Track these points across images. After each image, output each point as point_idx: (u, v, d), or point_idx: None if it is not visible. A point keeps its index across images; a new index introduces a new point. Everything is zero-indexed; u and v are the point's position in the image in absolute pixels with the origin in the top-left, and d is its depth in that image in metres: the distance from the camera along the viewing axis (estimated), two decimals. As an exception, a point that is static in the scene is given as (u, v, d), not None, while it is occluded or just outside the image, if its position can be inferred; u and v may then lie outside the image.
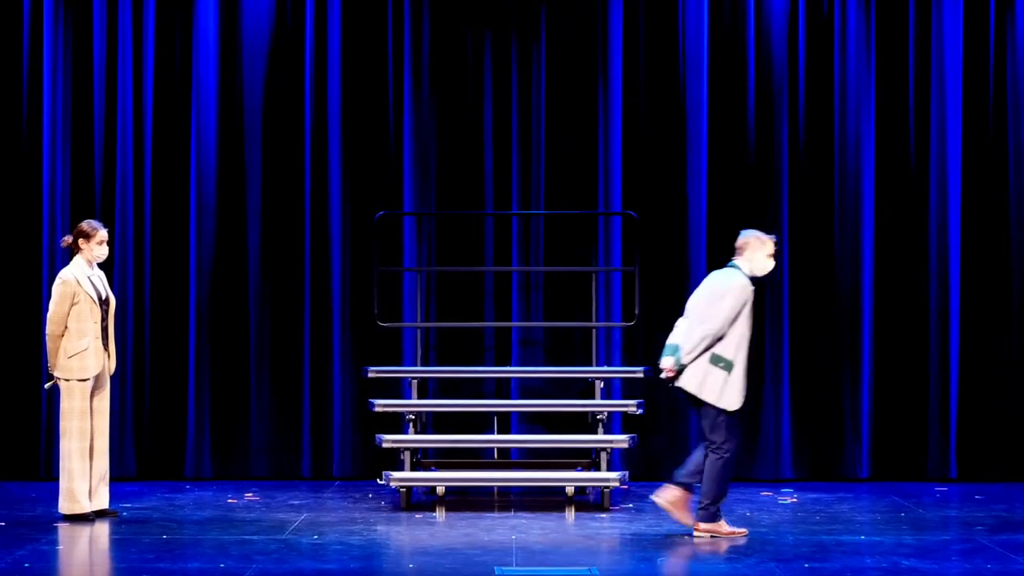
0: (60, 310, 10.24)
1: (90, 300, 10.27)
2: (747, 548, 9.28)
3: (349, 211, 12.56)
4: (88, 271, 10.37)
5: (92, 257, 10.38)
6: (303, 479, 12.47)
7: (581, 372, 11.94)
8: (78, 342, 10.26)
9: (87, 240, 10.35)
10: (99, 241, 10.37)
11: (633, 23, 12.61)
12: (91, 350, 10.27)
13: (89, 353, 10.27)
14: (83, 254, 10.38)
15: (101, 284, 10.44)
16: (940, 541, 9.61)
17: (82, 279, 10.29)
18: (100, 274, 10.48)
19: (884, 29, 12.58)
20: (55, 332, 10.27)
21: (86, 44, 12.53)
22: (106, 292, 10.46)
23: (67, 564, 8.86)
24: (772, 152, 12.54)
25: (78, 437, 10.24)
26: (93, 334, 10.28)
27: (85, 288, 10.27)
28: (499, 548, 9.27)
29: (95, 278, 10.40)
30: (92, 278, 10.37)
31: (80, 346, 10.25)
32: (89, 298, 10.27)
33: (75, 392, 10.27)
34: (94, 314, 10.29)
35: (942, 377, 12.48)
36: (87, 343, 10.26)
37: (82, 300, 10.26)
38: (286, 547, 9.29)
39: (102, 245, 10.40)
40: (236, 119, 12.57)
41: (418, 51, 12.61)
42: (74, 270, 10.33)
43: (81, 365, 10.26)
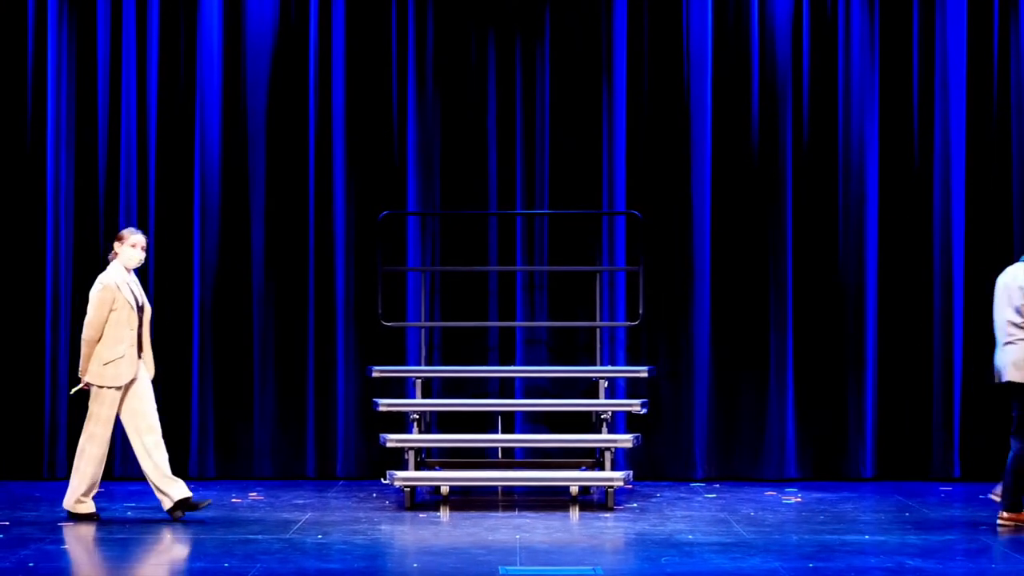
0: (99, 316, 10.13)
1: (128, 307, 10.16)
2: (751, 548, 9.26)
3: (353, 211, 12.55)
4: (126, 277, 10.25)
5: (125, 261, 10.25)
6: (307, 479, 12.46)
7: (585, 372, 11.93)
8: (114, 349, 10.14)
9: (120, 243, 10.26)
10: (131, 244, 10.25)
11: (637, 22, 12.60)
12: (126, 358, 10.16)
13: (124, 361, 10.15)
14: (119, 259, 10.26)
15: (138, 291, 10.33)
16: (944, 541, 9.59)
17: (121, 285, 10.19)
18: (136, 281, 10.37)
19: (888, 28, 12.57)
20: (91, 338, 10.15)
21: (90, 44, 12.54)
22: (142, 299, 10.34)
23: (70, 564, 8.84)
24: (776, 151, 12.53)
25: (100, 443, 10.19)
26: (128, 342, 10.17)
27: (124, 294, 10.17)
28: (503, 548, 9.26)
29: (132, 284, 10.29)
30: (130, 284, 10.26)
31: (116, 353, 10.14)
32: (127, 304, 10.16)
33: (105, 399, 10.16)
34: (131, 321, 10.18)
35: (946, 376, 12.47)
36: (122, 351, 10.15)
37: (120, 306, 10.15)
38: (290, 547, 9.28)
39: (135, 248, 10.26)
40: (240, 119, 12.57)
41: (422, 51, 12.61)
42: (112, 275, 10.22)
43: (115, 373, 10.15)
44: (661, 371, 12.39)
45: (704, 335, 12.47)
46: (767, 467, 12.46)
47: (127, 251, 10.26)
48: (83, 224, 12.52)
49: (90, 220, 12.52)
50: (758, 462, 12.49)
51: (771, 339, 12.48)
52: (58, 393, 12.40)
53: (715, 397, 12.51)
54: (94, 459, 10.19)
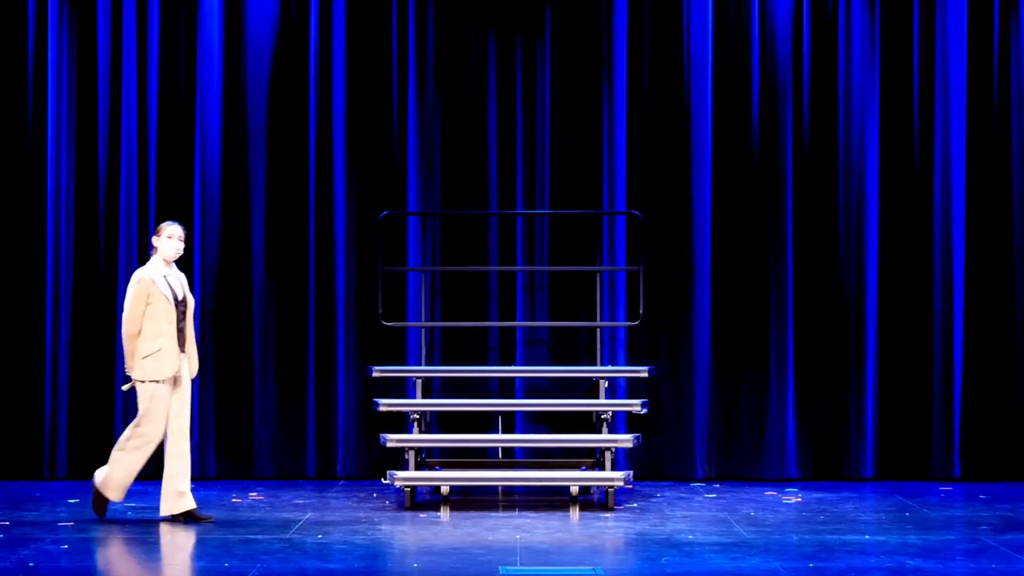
0: (134, 310, 10.04)
1: (164, 300, 10.04)
2: (751, 548, 9.26)
3: (353, 211, 12.54)
4: (164, 270, 10.16)
5: (163, 254, 10.15)
6: (307, 479, 12.46)
7: (585, 372, 11.92)
8: (152, 343, 10.03)
9: (158, 236, 10.17)
10: (167, 236, 10.12)
11: (638, 22, 12.60)
12: (165, 351, 10.05)
13: (163, 355, 10.04)
14: (158, 252, 10.16)
15: (179, 285, 10.22)
16: (945, 541, 9.59)
17: (157, 278, 10.09)
18: (179, 275, 10.26)
19: (888, 28, 12.56)
20: (131, 332, 10.05)
21: (90, 44, 12.53)
22: (183, 293, 10.22)
23: (72, 564, 8.82)
24: (776, 151, 12.52)
25: (147, 441, 10.05)
26: (167, 335, 10.06)
27: (160, 287, 10.07)
28: (503, 548, 9.25)
29: (172, 278, 10.19)
30: (168, 278, 10.16)
31: (153, 347, 10.03)
32: (164, 298, 10.04)
33: (149, 394, 10.05)
34: (168, 315, 10.06)
35: (946, 376, 12.46)
36: (160, 344, 10.05)
37: (156, 300, 10.05)
38: (290, 546, 9.27)
39: (171, 240, 10.12)
40: (240, 119, 12.56)
41: (422, 50, 12.61)
42: (149, 269, 10.13)
43: (155, 367, 10.04)
44: (661, 371, 12.38)
45: (704, 335, 12.46)
46: (767, 467, 12.45)
47: (164, 243, 10.15)
48: (83, 224, 12.50)
49: (90, 220, 12.51)
50: (758, 462, 12.48)
51: (771, 339, 12.48)
52: (58, 393, 12.39)
53: (715, 397, 12.50)
54: (138, 454, 10.04)
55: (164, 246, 10.14)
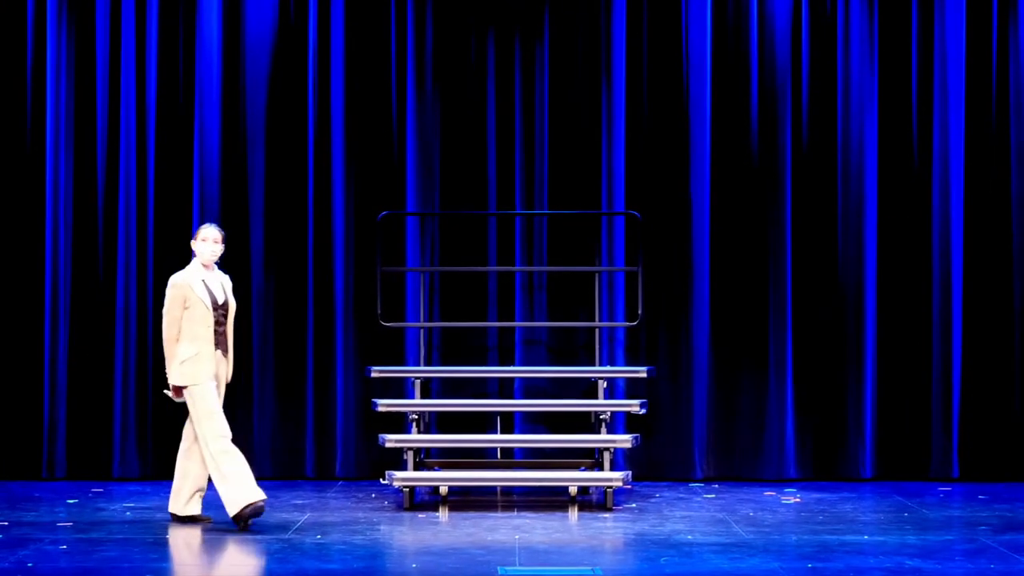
0: (172, 314, 9.90)
1: (201, 304, 9.91)
2: (750, 548, 9.26)
3: (352, 211, 12.53)
4: (202, 274, 10.03)
5: (201, 257, 10.01)
6: (306, 479, 12.45)
7: (584, 372, 11.92)
8: (189, 347, 9.89)
9: (194, 240, 10.06)
10: (202, 239, 9.99)
11: (636, 22, 12.59)
12: (202, 355, 9.88)
13: (200, 359, 9.88)
14: (197, 256, 10.05)
15: (219, 288, 10.08)
16: (944, 541, 9.58)
17: (194, 282, 9.96)
18: (221, 278, 10.14)
19: (887, 28, 12.56)
20: (168, 336, 9.91)
21: (89, 43, 12.53)
22: (224, 296, 10.09)
23: (70, 564, 8.80)
24: (775, 152, 12.52)
25: (215, 438, 9.88)
26: (205, 339, 9.92)
27: (197, 291, 9.93)
28: (502, 548, 9.25)
29: (211, 281, 10.05)
30: (207, 281, 10.03)
31: (191, 351, 9.88)
32: (200, 302, 9.91)
33: (195, 396, 9.89)
34: (205, 319, 9.92)
35: (945, 376, 12.45)
36: (198, 348, 9.89)
37: (193, 304, 9.91)
38: (289, 547, 9.27)
39: (205, 242, 9.98)
40: (239, 118, 12.55)
41: (421, 50, 12.60)
42: (186, 273, 10.01)
43: (192, 371, 9.87)
44: (660, 371, 12.38)
45: (703, 335, 12.46)
46: (766, 467, 12.45)
47: (199, 246, 10.02)
48: (82, 224, 12.49)
49: (89, 220, 12.50)
50: (757, 462, 12.47)
51: (770, 339, 12.47)
52: (57, 393, 12.38)
53: (714, 397, 12.50)
54: (220, 455, 9.86)
55: (200, 249, 10.02)
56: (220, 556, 9.00)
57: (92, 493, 11.64)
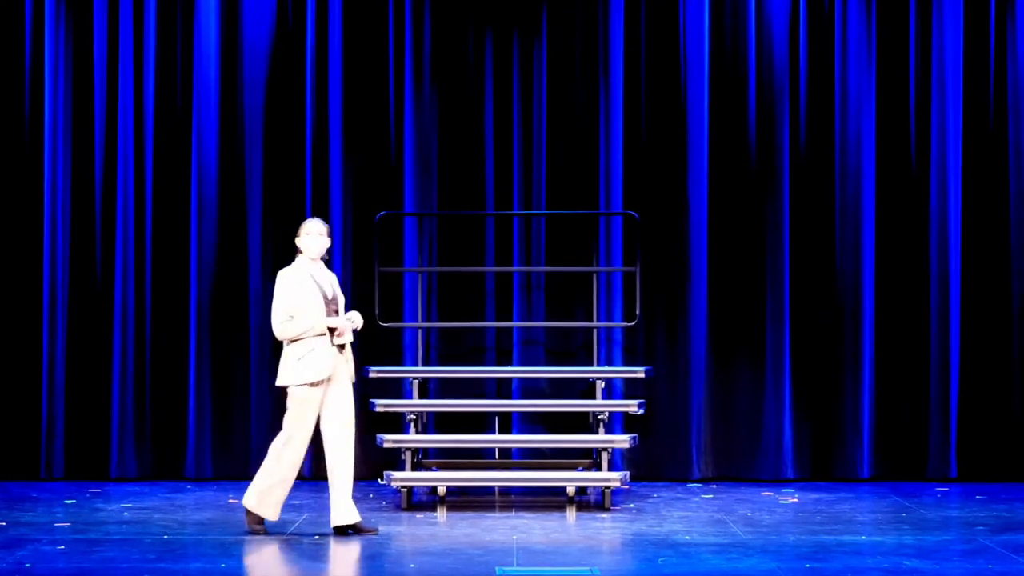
0: (279, 305, 9.59)
1: (312, 300, 9.58)
2: (748, 548, 9.25)
3: (350, 211, 12.51)
4: (311, 268, 9.70)
5: (307, 252, 9.66)
6: (304, 479, 12.23)
7: (582, 372, 11.91)
8: (303, 344, 9.57)
9: (298, 236, 9.71)
10: (305, 232, 9.66)
11: (634, 22, 12.58)
12: (318, 352, 9.56)
13: (317, 355, 9.55)
14: (303, 252, 9.70)
15: (328, 283, 9.73)
16: (941, 541, 9.57)
17: (302, 277, 9.65)
18: (329, 275, 9.83)
19: (885, 29, 12.55)
20: (282, 332, 9.62)
21: (87, 44, 12.51)
22: (333, 292, 9.74)
23: (68, 565, 8.77)
24: (773, 152, 12.51)
25: (302, 446, 9.63)
26: (321, 336, 9.58)
27: (305, 285, 9.65)
28: (500, 548, 9.24)
29: (320, 276, 9.71)
30: (316, 276, 9.70)
31: (305, 348, 9.56)
32: (311, 298, 9.58)
33: (302, 399, 9.60)
34: (318, 313, 9.57)
35: (943, 376, 12.44)
36: (313, 344, 9.54)
37: (299, 299, 9.58)
38: (287, 547, 9.25)
39: (309, 236, 9.64)
40: (237, 118, 12.53)
41: (419, 50, 12.59)
42: (292, 267, 9.73)
43: (310, 369, 9.56)
44: (658, 371, 12.36)
45: (701, 336, 12.45)
46: (764, 467, 12.43)
47: (304, 241, 9.67)
48: (80, 225, 12.47)
49: (87, 221, 12.47)
50: (755, 462, 12.46)
51: (768, 340, 12.46)
52: (55, 393, 12.36)
53: (712, 397, 12.49)
54: (289, 463, 9.63)
55: (306, 243, 9.70)
56: (217, 557, 8.96)
57: (90, 493, 11.63)
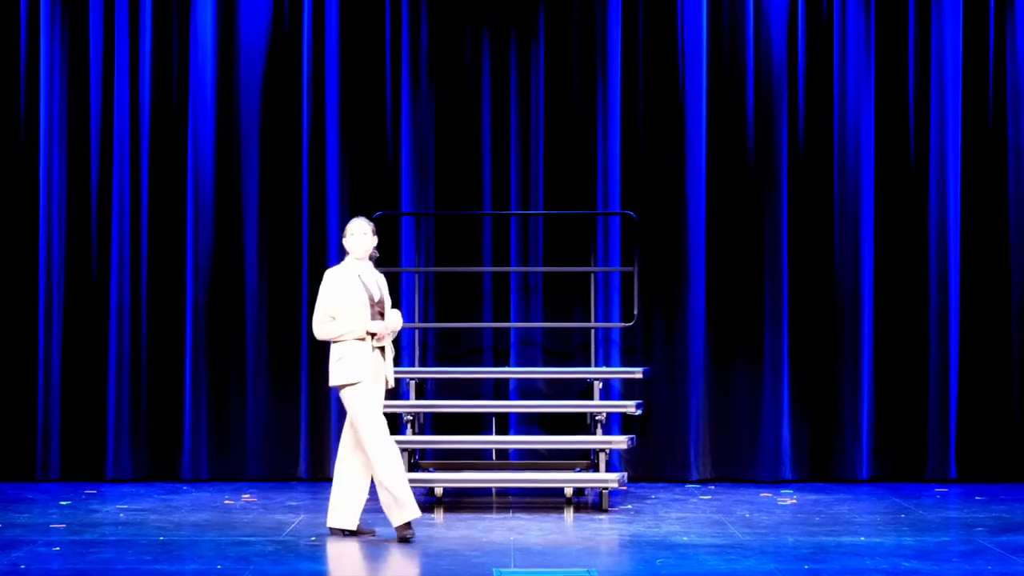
0: (321, 305, 9.54)
1: (357, 299, 9.50)
2: (746, 549, 9.23)
3: (347, 211, 12.44)
4: (358, 269, 9.59)
5: (353, 252, 9.56)
6: (300, 480, 12.40)
7: (580, 373, 11.91)
8: (344, 345, 9.50)
9: (344, 236, 9.63)
10: (351, 233, 9.56)
11: (632, 22, 12.56)
12: (357, 353, 9.49)
13: (355, 356, 9.47)
14: (349, 253, 9.61)
15: (374, 284, 9.64)
16: (941, 542, 9.56)
17: (348, 277, 9.56)
18: (376, 276, 9.71)
19: (884, 28, 12.52)
20: (321, 332, 9.54)
21: (82, 42, 12.48)
22: (379, 293, 9.65)
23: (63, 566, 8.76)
24: (771, 152, 12.49)
25: (386, 441, 9.42)
26: (359, 336, 9.50)
27: (349, 286, 9.55)
28: (498, 549, 9.23)
29: (366, 277, 9.62)
30: (363, 276, 9.60)
31: (346, 349, 9.50)
32: (355, 298, 9.51)
33: (353, 397, 9.48)
34: (361, 316, 9.52)
35: (942, 377, 12.42)
36: (352, 345, 9.48)
37: (343, 299, 9.53)
38: (284, 548, 9.25)
39: (355, 236, 9.53)
40: (233, 118, 12.51)
41: (416, 50, 12.56)
42: (340, 267, 9.66)
43: (348, 369, 9.49)
44: (656, 372, 12.35)
45: (699, 336, 12.43)
46: (762, 468, 12.41)
47: (349, 241, 9.56)
48: (75, 224, 12.43)
49: (83, 219, 12.44)
50: (753, 463, 12.43)
51: (766, 340, 12.44)
52: (50, 394, 12.34)
53: (710, 398, 12.47)
54: (386, 460, 9.41)
55: (351, 244, 9.59)
56: (213, 559, 8.95)
57: (85, 494, 11.60)
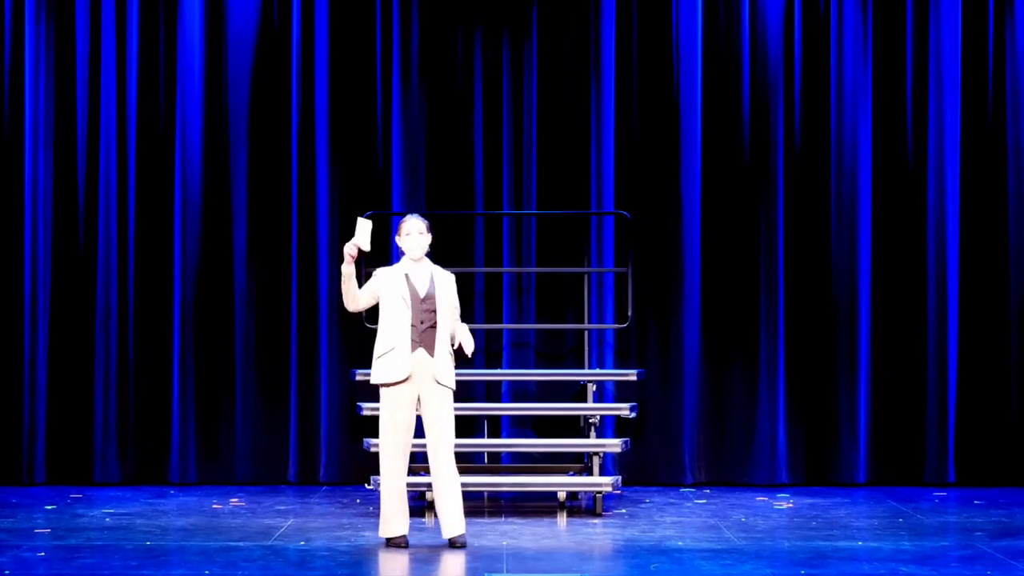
0: (356, 295, 9.44)
1: (399, 299, 9.35)
2: (742, 554, 9.21)
3: (337, 211, 12.43)
4: (408, 267, 9.44)
5: (406, 251, 9.45)
6: (289, 484, 12.37)
7: (573, 375, 11.86)
8: (385, 343, 9.37)
9: (397, 235, 9.54)
10: (405, 233, 9.44)
11: (626, 20, 12.53)
12: (396, 352, 9.35)
13: (393, 356, 9.34)
14: (406, 253, 9.50)
15: (426, 283, 9.44)
16: (939, 547, 9.55)
17: (395, 275, 9.43)
18: (434, 273, 9.51)
19: (882, 26, 12.49)
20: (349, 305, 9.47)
21: (69, 39, 12.42)
22: (429, 291, 9.45)
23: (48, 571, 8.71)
24: (767, 151, 12.45)
25: (390, 452, 9.36)
26: (402, 335, 9.34)
27: (395, 284, 9.39)
28: (489, 554, 9.21)
29: (417, 276, 9.45)
30: (411, 275, 9.44)
31: (385, 347, 9.37)
32: (398, 296, 9.36)
33: (386, 400, 9.39)
34: (402, 314, 9.35)
35: (940, 379, 12.39)
36: (393, 344, 9.34)
37: (385, 297, 9.39)
38: (272, 553, 9.21)
39: (410, 236, 9.42)
40: (222, 115, 12.46)
41: (407, 48, 12.52)
42: (391, 267, 9.54)
43: (385, 369, 9.36)
44: (650, 374, 12.30)
45: (694, 337, 12.39)
46: (758, 472, 12.37)
47: (404, 241, 9.46)
48: (62, 222, 12.37)
49: (69, 218, 12.38)
50: (749, 467, 12.39)
51: (762, 341, 12.40)
52: (36, 397, 12.28)
53: (705, 401, 12.43)
54: (388, 471, 9.39)
55: (406, 244, 9.45)
56: (200, 564, 8.91)
57: (71, 499, 11.57)
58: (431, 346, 9.44)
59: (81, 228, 12.37)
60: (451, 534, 9.46)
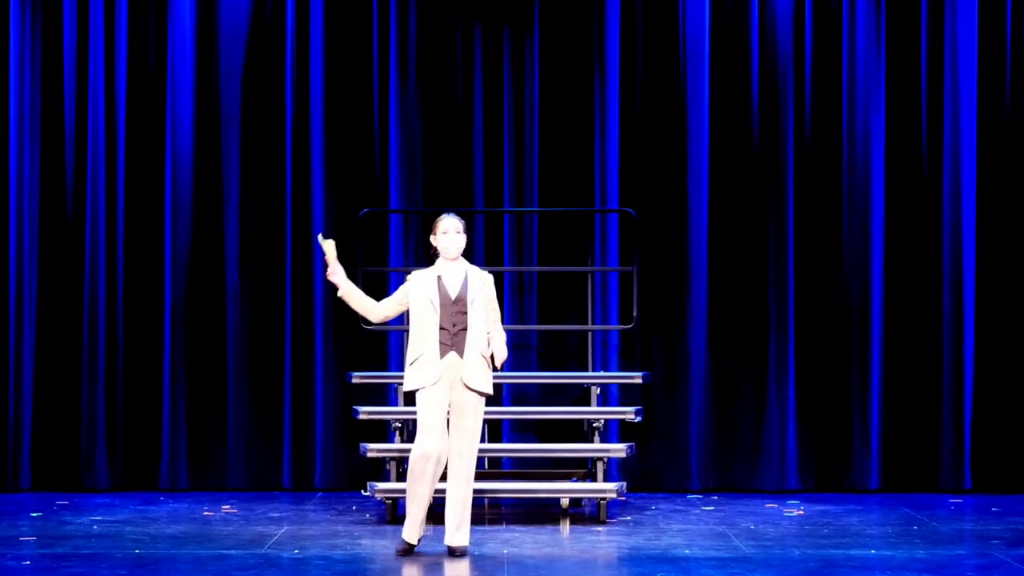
0: (371, 306, 9.39)
1: (427, 303, 9.23)
2: (751, 563, 9.14)
3: (332, 208, 12.40)
4: (441, 269, 9.31)
5: (443, 252, 9.31)
6: (283, 490, 12.34)
7: (576, 378, 11.75)
8: (416, 347, 9.25)
9: (432, 234, 9.37)
10: (442, 231, 9.29)
11: (631, 12, 12.50)
12: (426, 357, 9.20)
13: (423, 361, 9.20)
14: (441, 253, 9.36)
15: (460, 285, 9.30)
16: (955, 556, 9.47)
17: (428, 277, 9.31)
18: (468, 274, 9.35)
19: (895, 16, 12.46)
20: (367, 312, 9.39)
21: (56, 34, 12.37)
22: (458, 293, 9.27)
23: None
24: (777, 147, 12.42)
25: (419, 457, 9.21)
26: (431, 339, 9.21)
27: (425, 288, 9.27)
28: (490, 562, 9.16)
29: (450, 278, 9.30)
30: (444, 277, 9.30)
31: (416, 352, 9.23)
32: (426, 300, 9.24)
33: (418, 403, 9.24)
34: (430, 318, 9.22)
35: (956, 382, 12.33)
36: (423, 349, 9.21)
37: (414, 302, 9.28)
38: (265, 562, 9.16)
39: (447, 235, 9.27)
40: (214, 111, 12.43)
41: (405, 42, 12.49)
42: (426, 269, 9.40)
43: (416, 375, 9.23)
44: (656, 377, 12.29)
45: (701, 339, 12.35)
46: (767, 478, 12.33)
47: (440, 240, 9.32)
48: (48, 221, 12.32)
49: (56, 216, 12.33)
50: (758, 473, 12.37)
51: (771, 343, 12.36)
52: (21, 400, 12.23)
53: (713, 404, 12.38)
54: (411, 475, 9.26)
55: (441, 244, 9.31)
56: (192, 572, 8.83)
57: (57, 505, 11.53)
58: (462, 350, 9.32)
59: (68, 225, 12.33)
60: (453, 543, 9.39)
